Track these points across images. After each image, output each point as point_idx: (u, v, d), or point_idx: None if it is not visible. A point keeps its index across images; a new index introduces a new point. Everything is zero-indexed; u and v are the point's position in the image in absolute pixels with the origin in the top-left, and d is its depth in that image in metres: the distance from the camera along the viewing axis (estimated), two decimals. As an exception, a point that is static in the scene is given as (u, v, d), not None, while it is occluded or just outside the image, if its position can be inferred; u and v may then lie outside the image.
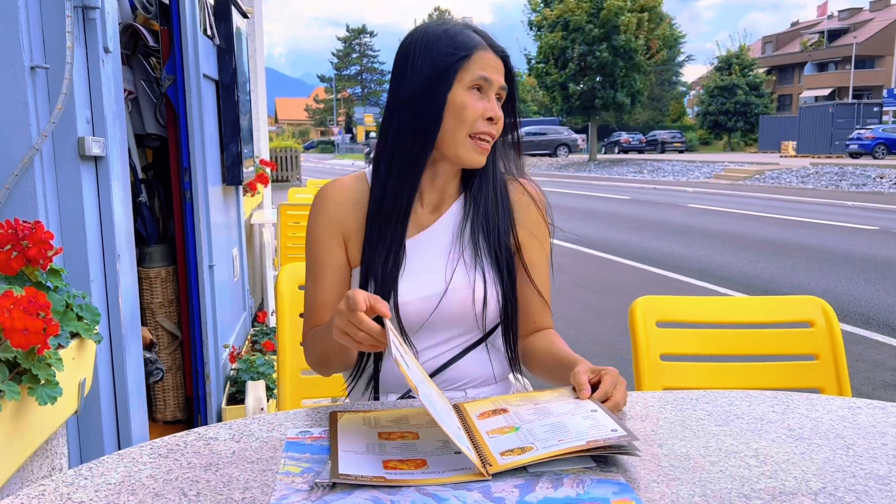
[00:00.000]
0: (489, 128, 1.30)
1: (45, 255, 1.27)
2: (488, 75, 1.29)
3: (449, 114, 1.28)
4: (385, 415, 1.12)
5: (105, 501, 0.84)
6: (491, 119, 1.30)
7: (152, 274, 2.99)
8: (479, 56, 1.29)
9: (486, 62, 1.29)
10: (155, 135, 3.02)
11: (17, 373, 1.07)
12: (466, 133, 1.29)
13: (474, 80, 1.28)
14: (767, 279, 6.83)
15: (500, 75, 1.31)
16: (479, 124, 1.29)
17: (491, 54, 1.31)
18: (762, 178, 21.11)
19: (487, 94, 1.30)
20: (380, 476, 0.89)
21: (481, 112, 1.29)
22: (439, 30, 1.31)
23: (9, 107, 1.42)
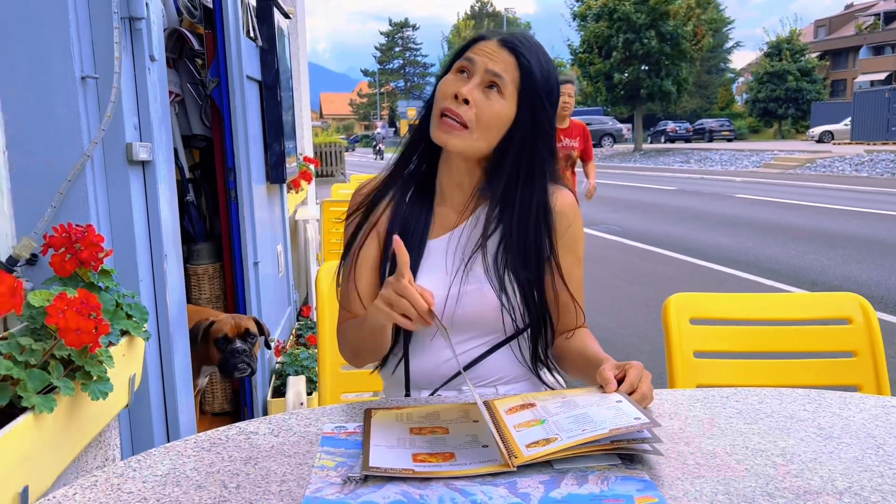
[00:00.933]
0: (452, 104, 1.27)
1: (97, 258, 1.33)
2: (473, 55, 1.28)
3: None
4: (417, 411, 1.15)
5: (152, 492, 0.90)
6: (457, 97, 1.26)
7: (200, 271, 3.08)
8: (476, 45, 1.30)
9: (480, 48, 1.29)
10: (201, 136, 3.11)
11: (72, 369, 1.13)
12: (438, 111, 1.29)
13: (459, 64, 1.30)
14: (816, 271, 6.68)
15: (492, 60, 1.27)
16: (445, 102, 1.28)
17: (492, 43, 1.29)
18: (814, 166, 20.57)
19: (469, 75, 1.28)
20: (409, 469, 0.93)
21: (451, 92, 1.27)
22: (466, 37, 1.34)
23: (62, 116, 1.49)
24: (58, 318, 1.05)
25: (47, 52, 1.47)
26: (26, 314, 1.17)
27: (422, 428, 1.08)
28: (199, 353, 2.42)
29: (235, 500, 0.87)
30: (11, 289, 1.00)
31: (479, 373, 1.37)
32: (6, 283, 0.99)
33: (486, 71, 1.26)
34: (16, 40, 1.46)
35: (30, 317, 1.17)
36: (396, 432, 1.05)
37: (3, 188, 1.48)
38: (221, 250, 3.12)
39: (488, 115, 1.27)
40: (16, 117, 1.48)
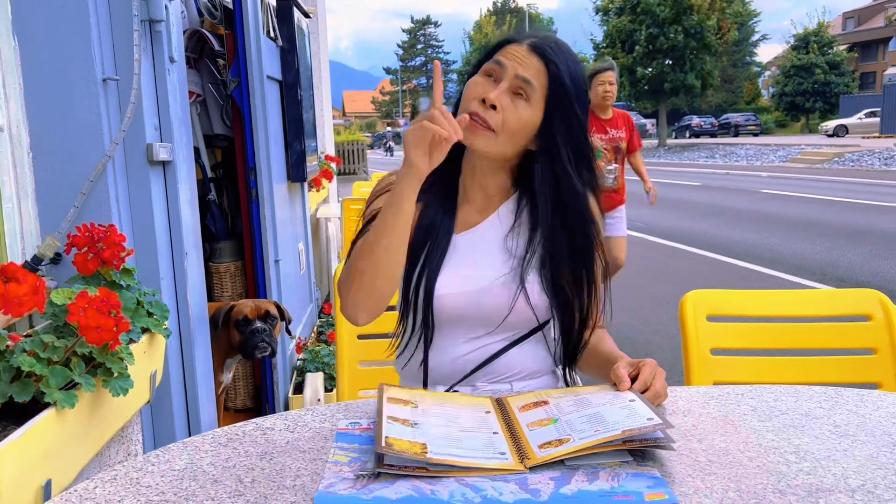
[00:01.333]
0: (479, 108, 1.26)
1: (118, 257, 1.36)
2: (502, 59, 1.28)
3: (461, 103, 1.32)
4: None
5: (169, 486, 0.91)
6: (484, 101, 1.26)
7: (222, 269, 3.12)
8: (506, 48, 1.29)
9: (510, 52, 1.28)
10: (223, 135, 3.15)
11: (93, 366, 1.16)
12: (464, 111, 1.28)
13: (487, 66, 1.29)
14: (843, 267, 6.58)
15: (521, 65, 1.27)
16: (472, 104, 1.27)
17: (523, 48, 1.28)
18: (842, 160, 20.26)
19: (497, 80, 1.28)
20: (422, 466, 0.94)
21: (479, 94, 1.27)
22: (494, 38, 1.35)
23: (84, 117, 1.52)
24: (79, 316, 1.07)
25: (69, 56, 1.50)
26: (49, 312, 1.20)
27: None
28: (221, 340, 2.45)
29: (250, 495, 0.89)
30: (34, 288, 1.02)
31: (496, 368, 1.37)
32: (29, 283, 1.02)
33: (515, 76, 1.26)
34: (39, 44, 1.49)
35: (53, 315, 1.20)
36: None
37: (27, 189, 1.51)
38: (243, 248, 3.15)
39: (515, 121, 1.27)
40: (39, 119, 1.51)
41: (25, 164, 1.51)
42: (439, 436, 0.99)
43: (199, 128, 3.03)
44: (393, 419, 1.02)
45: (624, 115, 4.61)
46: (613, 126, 4.51)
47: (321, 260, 5.31)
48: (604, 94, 4.33)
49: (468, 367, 1.36)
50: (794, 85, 39.34)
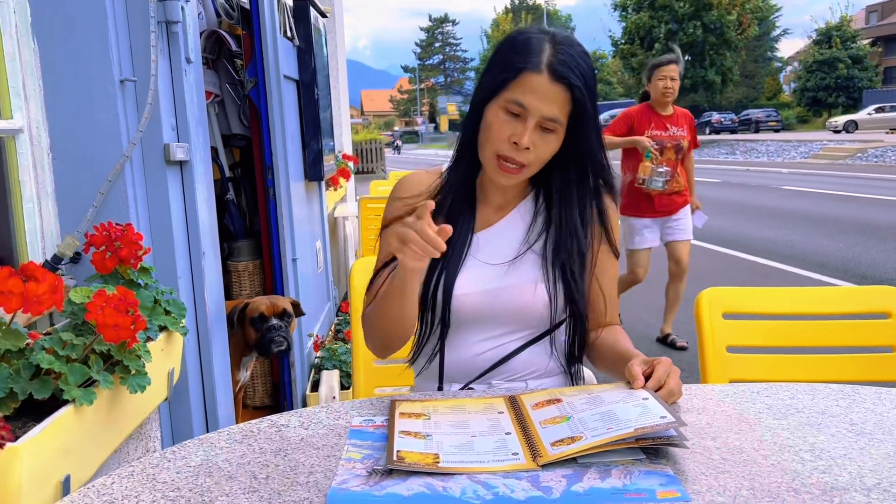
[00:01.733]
0: (511, 152, 1.25)
1: (136, 255, 1.38)
2: (525, 102, 1.23)
3: (481, 129, 1.29)
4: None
5: (185, 482, 0.93)
6: (517, 144, 1.24)
7: (240, 267, 3.15)
8: (526, 78, 1.23)
9: (531, 87, 1.22)
10: (240, 135, 3.17)
11: (111, 364, 1.17)
12: (492, 152, 1.27)
13: (508, 103, 1.24)
14: (866, 264, 6.50)
15: (546, 103, 1.23)
16: (502, 146, 1.25)
17: (544, 79, 1.22)
18: (865, 156, 19.98)
19: (523, 119, 1.24)
20: (433, 464, 0.94)
21: (507, 136, 1.24)
22: (512, 39, 1.28)
23: (102, 118, 1.54)
24: (97, 315, 1.09)
25: (87, 58, 1.52)
26: (68, 310, 1.22)
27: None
28: (237, 338, 2.47)
29: (264, 491, 0.89)
30: (52, 286, 1.04)
31: (512, 367, 1.38)
32: (47, 281, 1.03)
33: (541, 117, 1.23)
34: (57, 47, 1.51)
35: (71, 313, 1.22)
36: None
37: (47, 189, 1.53)
38: (261, 247, 3.17)
39: (546, 153, 1.28)
40: (58, 121, 1.53)
41: (45, 164, 1.53)
42: (451, 444, 0.99)
43: (217, 128, 3.05)
44: (405, 433, 1.02)
45: (686, 114, 4.27)
46: (674, 123, 4.15)
47: (339, 258, 5.33)
48: (664, 90, 4.05)
49: (484, 365, 1.37)
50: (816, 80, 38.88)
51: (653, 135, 4.07)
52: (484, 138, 1.28)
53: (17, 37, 1.47)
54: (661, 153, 4.03)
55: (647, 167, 4.01)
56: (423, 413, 1.11)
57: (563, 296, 1.34)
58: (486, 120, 1.27)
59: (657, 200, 4.14)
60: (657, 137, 4.06)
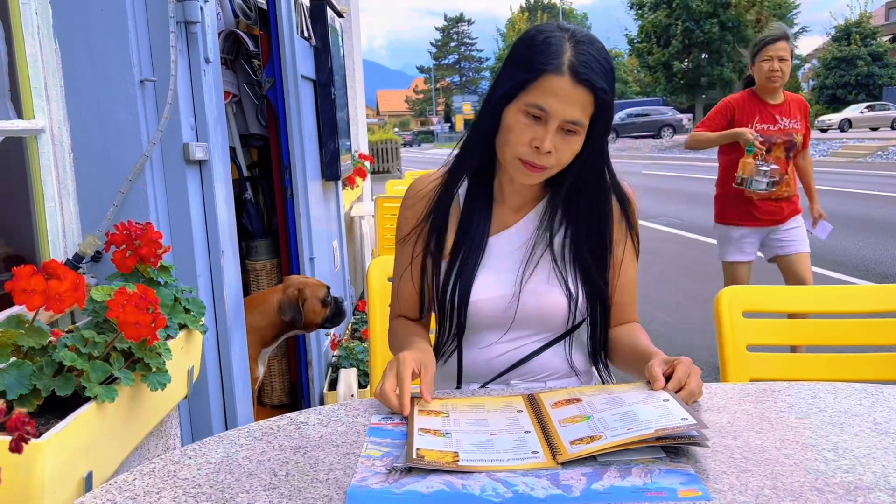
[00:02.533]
0: (532, 156, 1.23)
1: (156, 254, 1.39)
2: (546, 106, 1.20)
3: (500, 131, 1.26)
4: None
5: (206, 479, 0.93)
6: (539, 148, 1.22)
7: (258, 266, 3.16)
8: (547, 81, 1.19)
9: (552, 90, 1.19)
10: (258, 135, 3.19)
11: (132, 361, 1.18)
12: (513, 156, 1.25)
13: (529, 106, 1.21)
14: (888, 263, 6.42)
15: (568, 106, 1.19)
16: (523, 150, 1.23)
17: (566, 81, 1.19)
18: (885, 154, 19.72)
19: (544, 122, 1.21)
20: (453, 462, 0.94)
21: (528, 140, 1.22)
22: (531, 39, 1.24)
23: (122, 118, 1.55)
24: (118, 312, 1.09)
25: (107, 58, 1.53)
26: (90, 308, 1.23)
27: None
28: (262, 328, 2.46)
29: (284, 488, 0.90)
30: (74, 284, 1.05)
31: (530, 369, 1.37)
32: (69, 279, 1.04)
33: (563, 120, 1.21)
34: (78, 48, 1.53)
35: (93, 311, 1.23)
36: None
37: (69, 188, 1.55)
38: (279, 246, 3.19)
39: (568, 156, 1.25)
40: (79, 121, 1.55)
41: (67, 164, 1.54)
42: (471, 442, 0.99)
43: (235, 127, 3.07)
44: (424, 431, 1.02)
45: (800, 101, 3.44)
46: (786, 114, 3.36)
47: (355, 258, 5.34)
48: (770, 74, 3.25)
49: (502, 366, 1.37)
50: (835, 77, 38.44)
51: (759, 129, 3.31)
52: (503, 141, 1.26)
53: (39, 38, 1.48)
54: (769, 151, 3.29)
55: (749, 164, 3.27)
56: (442, 411, 1.11)
57: (583, 297, 1.34)
58: (505, 122, 1.24)
59: (760, 206, 3.41)
60: (765, 132, 3.31)
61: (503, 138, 1.26)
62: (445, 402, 1.16)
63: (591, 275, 1.34)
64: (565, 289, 1.32)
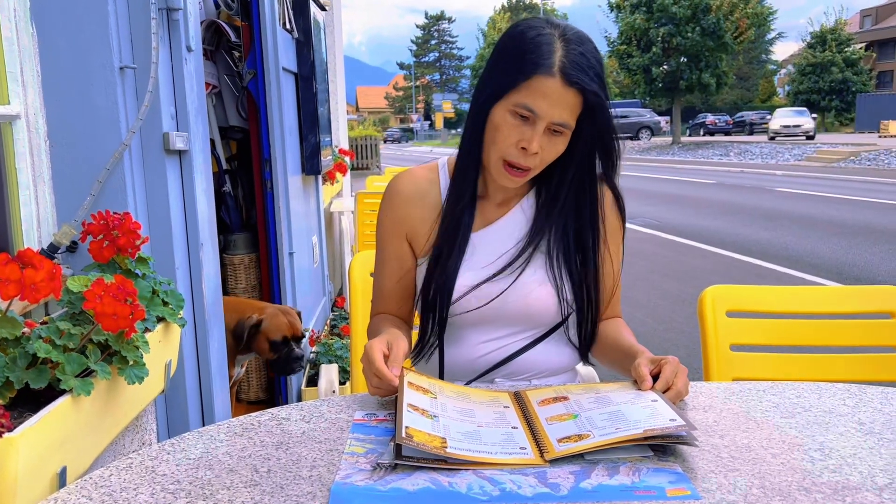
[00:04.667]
0: (519, 158, 1.22)
1: (134, 245, 1.35)
2: (535, 107, 1.18)
3: (487, 129, 1.24)
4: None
5: (185, 475, 0.91)
6: (525, 150, 1.21)
7: (236, 261, 3.12)
8: (537, 82, 1.17)
9: (541, 91, 1.17)
10: (238, 127, 3.15)
11: (109, 354, 1.15)
12: (499, 156, 1.24)
13: (517, 107, 1.19)
14: (860, 267, 6.52)
15: (557, 108, 1.18)
16: (510, 151, 1.22)
17: (557, 83, 1.17)
18: (858, 159, 20.06)
19: (532, 123, 1.20)
20: (440, 459, 0.92)
21: (515, 141, 1.21)
22: (520, 36, 1.22)
23: (101, 105, 1.52)
24: (95, 303, 1.06)
25: (87, 44, 1.49)
26: (65, 299, 1.19)
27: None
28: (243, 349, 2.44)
29: (266, 485, 0.88)
30: (50, 274, 1.02)
31: (515, 368, 1.36)
32: (45, 269, 1.01)
33: (551, 122, 1.19)
34: (56, 32, 1.49)
35: (69, 302, 1.20)
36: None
37: (44, 176, 1.51)
38: (257, 240, 3.15)
39: (552, 156, 1.25)
40: (56, 107, 1.51)
41: (42, 151, 1.50)
42: (458, 430, 0.98)
43: (215, 119, 3.02)
44: (413, 407, 1.00)
45: None
46: None
47: (334, 253, 5.31)
48: None
49: (487, 365, 1.35)
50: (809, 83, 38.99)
51: None
52: (490, 140, 1.24)
53: (16, 22, 1.44)
54: None
55: None
56: (430, 390, 1.10)
57: (570, 294, 1.33)
58: (492, 121, 1.23)
59: None
60: None
61: (490, 137, 1.24)
62: (433, 382, 1.14)
63: (579, 270, 1.33)
64: (553, 284, 1.31)
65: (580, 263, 1.34)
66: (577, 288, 1.33)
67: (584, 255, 1.34)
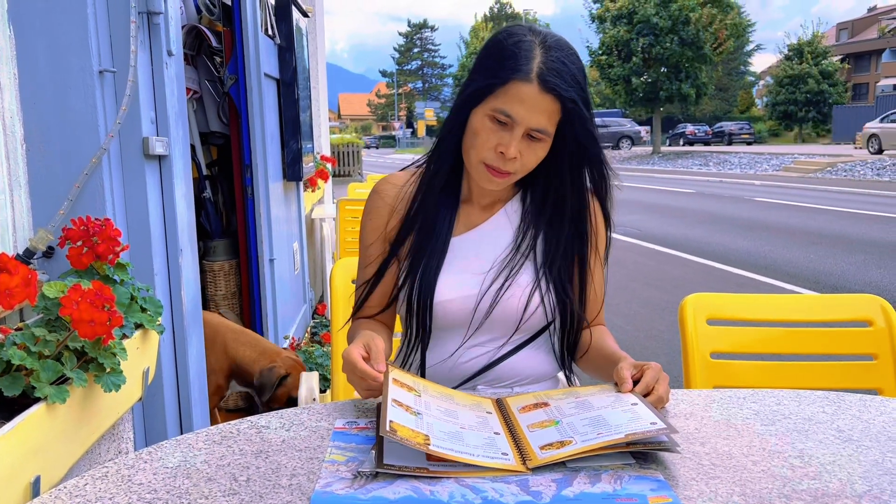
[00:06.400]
0: (498, 162, 1.23)
1: (114, 251, 1.33)
2: (512, 112, 1.19)
3: (466, 133, 1.26)
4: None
5: (162, 484, 0.89)
6: (503, 154, 1.21)
7: (216, 267, 3.09)
8: (514, 87, 1.18)
9: (519, 97, 1.18)
10: (219, 132, 3.13)
11: (85, 361, 1.13)
12: (478, 159, 1.24)
13: (495, 111, 1.20)
14: (837, 276, 6.60)
15: (534, 113, 1.19)
16: (487, 154, 1.23)
17: (534, 89, 1.18)
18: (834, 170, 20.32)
19: (510, 128, 1.20)
20: (422, 467, 0.92)
21: (493, 145, 1.22)
22: (500, 42, 1.23)
23: (79, 109, 1.50)
24: (72, 310, 1.05)
25: (65, 46, 1.48)
26: (41, 305, 1.17)
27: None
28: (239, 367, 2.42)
29: (245, 494, 0.87)
30: (25, 279, 1.00)
31: (497, 375, 1.35)
32: (20, 274, 0.99)
33: (528, 128, 1.20)
34: (35, 34, 1.47)
35: (45, 308, 1.18)
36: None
37: (20, 181, 1.49)
38: (238, 247, 3.13)
39: (532, 162, 1.25)
40: (33, 110, 1.49)
41: (19, 155, 1.48)
42: (442, 430, 0.97)
43: (195, 125, 3.00)
44: (397, 403, 1.00)
45: None
46: None
47: (315, 260, 5.28)
48: None
49: (469, 372, 1.34)
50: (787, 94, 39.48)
51: None
52: (469, 145, 1.25)
53: (-7, 23, 1.42)
54: None
55: None
56: (414, 388, 1.09)
57: (555, 300, 1.32)
58: (471, 126, 1.24)
59: None
60: None
61: (469, 141, 1.25)
62: (417, 380, 1.14)
63: (563, 278, 1.33)
64: (538, 291, 1.31)
65: (565, 271, 1.34)
66: (562, 295, 1.33)
67: (569, 263, 1.34)
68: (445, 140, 1.32)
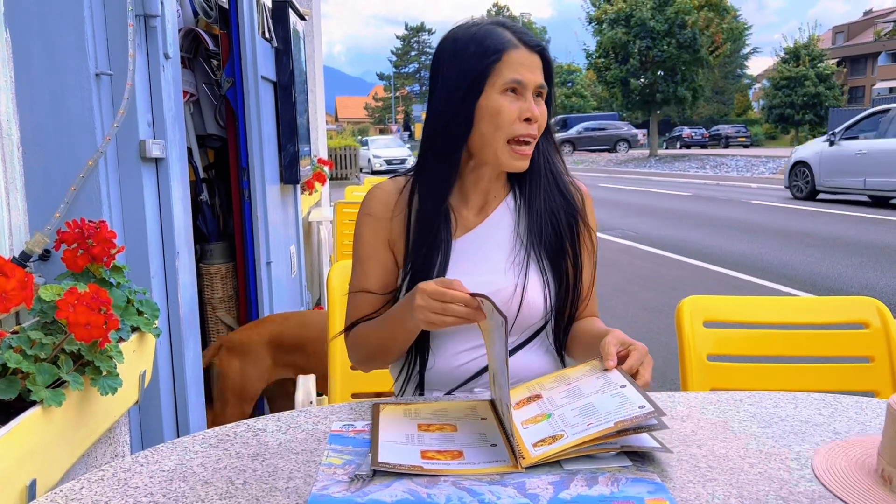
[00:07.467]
0: (527, 129, 1.27)
1: (109, 254, 1.33)
2: (521, 77, 1.26)
3: (483, 121, 1.27)
4: (425, 407, 1.14)
5: (159, 487, 0.89)
6: (529, 119, 1.27)
7: (213, 270, 3.09)
8: (510, 57, 1.26)
9: (518, 62, 1.26)
10: (216, 135, 3.12)
11: (81, 364, 1.13)
12: (505, 138, 1.27)
13: (506, 84, 1.26)
14: (833, 278, 6.60)
15: (535, 73, 1.28)
16: (516, 127, 1.26)
17: (524, 52, 1.27)
18: (831, 173, 20.35)
19: (523, 95, 1.27)
20: (417, 465, 0.92)
21: (517, 114, 1.26)
22: (468, 34, 1.29)
23: (76, 112, 1.50)
24: (68, 313, 1.05)
25: (62, 49, 1.48)
26: (37, 308, 1.17)
27: (430, 425, 1.07)
28: None
29: (242, 497, 0.86)
30: (22, 282, 1.00)
31: None
32: (16, 277, 0.99)
33: (536, 86, 1.28)
34: (31, 37, 1.47)
35: (41, 311, 1.18)
36: (405, 428, 1.04)
37: (17, 183, 1.48)
38: (234, 250, 3.12)
39: (544, 119, 1.31)
40: (30, 113, 1.49)
41: (15, 158, 1.48)
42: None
43: (192, 128, 3.00)
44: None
45: None
46: None
47: (312, 263, 5.28)
48: None
49: (467, 374, 1.34)
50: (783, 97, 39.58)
51: None
52: (492, 128, 1.27)
53: (-11, 26, 1.42)
54: None
55: None
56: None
57: (555, 296, 1.33)
58: (487, 111, 1.26)
59: None
60: None
61: (490, 126, 1.27)
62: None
63: (560, 272, 1.34)
64: (543, 287, 1.32)
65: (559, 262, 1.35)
66: (562, 289, 1.34)
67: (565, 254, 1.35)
68: (451, 144, 1.31)
